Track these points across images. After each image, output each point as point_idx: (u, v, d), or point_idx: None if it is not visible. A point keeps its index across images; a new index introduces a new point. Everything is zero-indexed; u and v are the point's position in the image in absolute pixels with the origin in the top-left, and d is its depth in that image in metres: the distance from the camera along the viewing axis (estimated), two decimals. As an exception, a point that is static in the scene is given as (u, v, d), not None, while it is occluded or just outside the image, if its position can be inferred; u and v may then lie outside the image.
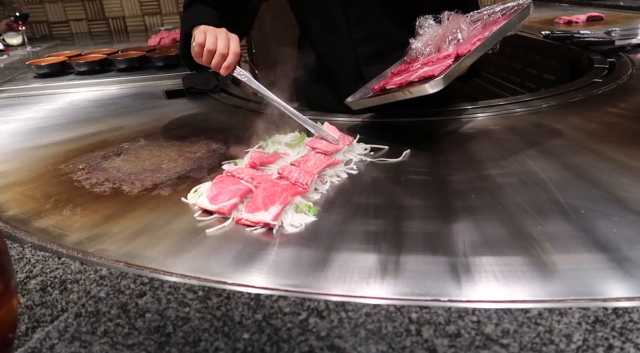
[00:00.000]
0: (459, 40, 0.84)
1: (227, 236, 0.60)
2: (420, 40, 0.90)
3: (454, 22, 0.87)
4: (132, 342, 0.41)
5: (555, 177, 0.70)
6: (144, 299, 0.46)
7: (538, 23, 2.02)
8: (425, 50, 0.88)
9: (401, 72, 0.91)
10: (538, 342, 0.38)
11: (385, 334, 0.40)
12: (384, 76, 0.97)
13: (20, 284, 0.50)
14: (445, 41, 0.85)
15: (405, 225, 0.60)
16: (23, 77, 1.51)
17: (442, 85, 0.76)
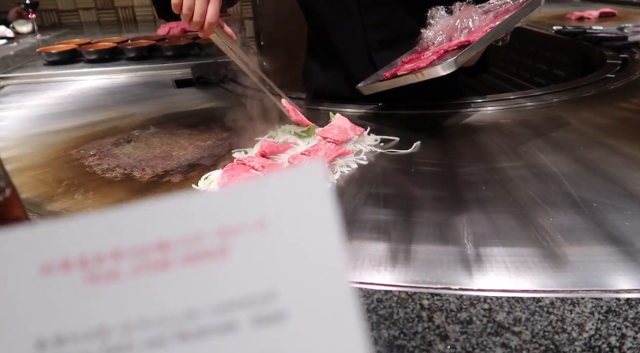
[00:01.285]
0: (470, 29, 0.84)
1: (238, 223, 0.61)
2: (431, 29, 0.90)
3: (465, 12, 0.87)
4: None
5: (567, 170, 0.69)
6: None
7: (549, 18, 2.00)
8: (437, 39, 0.89)
9: (412, 60, 0.91)
10: (550, 330, 0.38)
11: (397, 320, 0.40)
12: (394, 65, 0.97)
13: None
14: (457, 30, 0.85)
15: (416, 215, 0.60)
16: (33, 64, 1.52)
17: (455, 67, 0.76)
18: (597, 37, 1.51)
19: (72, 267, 0.14)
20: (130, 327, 0.14)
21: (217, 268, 0.14)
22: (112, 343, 0.13)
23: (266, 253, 0.14)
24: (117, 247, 0.15)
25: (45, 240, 0.14)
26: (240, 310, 0.14)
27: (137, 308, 0.14)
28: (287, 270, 0.14)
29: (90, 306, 0.14)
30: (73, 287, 0.14)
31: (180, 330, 0.14)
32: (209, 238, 0.14)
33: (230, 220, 0.15)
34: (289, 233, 0.14)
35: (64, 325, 0.14)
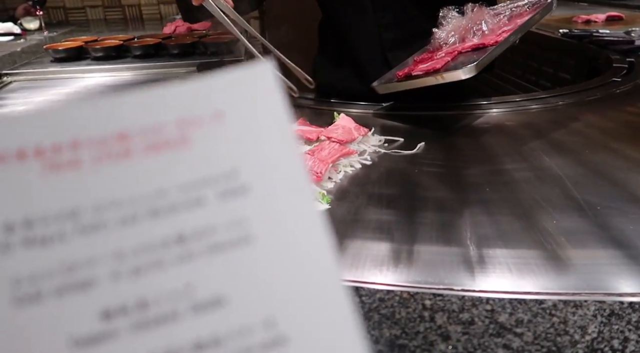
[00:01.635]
0: (483, 32, 0.85)
1: (241, 221, 0.61)
2: (443, 30, 0.91)
3: (478, 14, 0.89)
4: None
5: (571, 173, 0.69)
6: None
7: (556, 21, 2.00)
8: (449, 40, 0.90)
9: (424, 60, 0.92)
10: (552, 332, 0.38)
11: (399, 319, 0.40)
12: (407, 64, 0.98)
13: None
14: (470, 32, 0.86)
15: (419, 216, 0.60)
16: (40, 60, 1.53)
17: (475, 72, 0.77)
18: (603, 41, 1.51)
19: (27, 156, 0.15)
20: (101, 208, 0.14)
21: (179, 155, 0.15)
22: (85, 223, 0.14)
23: (225, 140, 0.15)
24: (75, 138, 0.15)
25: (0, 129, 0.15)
26: (207, 187, 0.15)
27: (105, 191, 0.14)
28: (246, 152, 0.15)
29: (56, 191, 0.14)
30: (32, 175, 0.14)
31: (151, 207, 0.14)
32: (169, 129, 0.15)
33: (188, 113, 0.16)
34: (243, 122, 0.16)
35: (30, 209, 0.14)
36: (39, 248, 0.14)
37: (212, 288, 0.14)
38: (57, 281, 0.14)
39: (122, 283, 0.14)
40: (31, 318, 0.13)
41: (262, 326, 0.14)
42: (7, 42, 1.86)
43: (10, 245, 0.14)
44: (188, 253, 0.14)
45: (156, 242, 0.14)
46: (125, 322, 0.14)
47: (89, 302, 0.14)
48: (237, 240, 0.15)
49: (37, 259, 0.14)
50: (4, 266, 0.14)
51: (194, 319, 0.14)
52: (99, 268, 0.14)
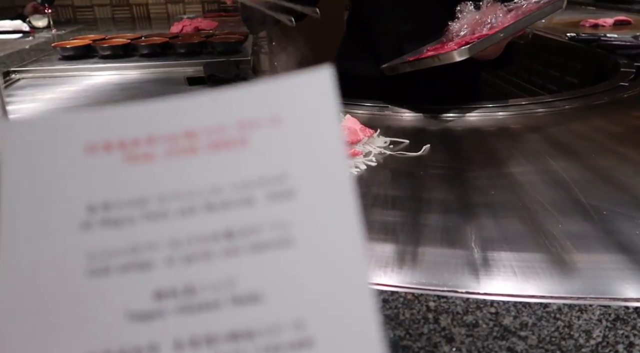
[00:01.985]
0: (492, 25, 0.90)
1: (246, 220, 0.61)
2: (458, 23, 0.95)
3: (491, 9, 0.92)
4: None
5: (577, 177, 0.69)
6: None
7: (563, 25, 1.99)
8: (461, 32, 0.93)
9: (436, 49, 0.97)
10: (557, 336, 0.38)
11: (402, 320, 0.40)
12: (419, 51, 1.02)
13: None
14: (481, 25, 0.91)
15: (424, 218, 0.60)
16: (48, 58, 1.54)
17: (467, 55, 0.81)
18: (611, 45, 1.50)
19: (112, 148, 0.17)
20: (165, 198, 0.16)
21: (237, 155, 0.16)
22: (150, 211, 0.16)
23: (279, 143, 0.17)
24: (151, 134, 0.17)
25: (88, 124, 0.17)
26: (258, 188, 0.16)
27: (170, 184, 0.16)
28: (297, 157, 0.16)
29: (131, 181, 0.16)
30: (114, 164, 0.16)
31: (207, 202, 0.16)
32: (230, 130, 0.17)
33: (248, 115, 0.17)
34: (298, 128, 0.17)
35: (109, 195, 0.16)
36: (112, 229, 0.16)
37: (251, 284, 0.15)
38: (122, 259, 0.15)
39: (174, 268, 0.15)
40: (98, 289, 0.15)
41: (292, 326, 0.15)
42: (15, 39, 1.87)
43: (91, 224, 0.16)
44: (234, 249, 0.16)
45: (207, 235, 0.16)
46: (173, 304, 0.15)
47: (145, 282, 0.15)
48: (278, 242, 0.16)
49: (110, 238, 0.16)
50: (84, 241, 0.15)
51: (232, 311, 0.15)
52: (156, 253, 0.15)
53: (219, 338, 0.15)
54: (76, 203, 0.16)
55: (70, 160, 0.16)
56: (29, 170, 0.16)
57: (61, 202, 0.16)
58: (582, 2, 2.74)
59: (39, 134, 0.16)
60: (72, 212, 0.16)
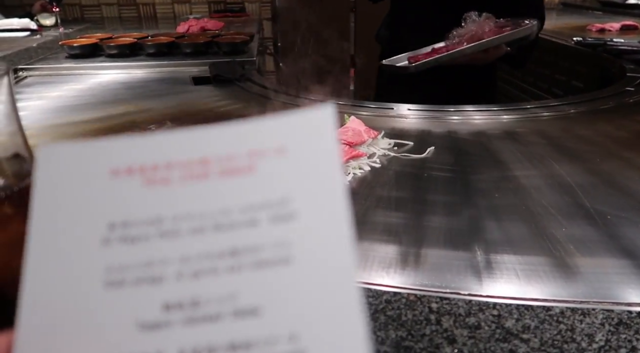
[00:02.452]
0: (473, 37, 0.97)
1: (250, 219, 0.61)
2: (462, 29, 1.05)
3: (484, 23, 1.00)
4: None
5: (582, 181, 0.69)
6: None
7: (569, 29, 1.99)
8: (454, 40, 1.03)
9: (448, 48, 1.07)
10: (559, 339, 0.38)
11: (405, 321, 0.40)
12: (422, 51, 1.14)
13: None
14: (470, 36, 1.00)
15: (427, 220, 0.60)
16: (55, 56, 1.55)
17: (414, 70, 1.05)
18: (617, 50, 1.49)
19: (134, 172, 0.18)
20: (178, 218, 0.18)
21: (245, 180, 0.18)
22: (165, 229, 0.17)
23: (283, 171, 0.18)
24: (169, 160, 0.19)
25: (113, 151, 0.19)
26: (262, 210, 0.18)
27: (184, 206, 0.18)
28: (298, 183, 0.18)
29: (148, 202, 0.18)
30: (134, 187, 0.18)
31: (216, 222, 0.18)
32: (240, 158, 0.18)
33: (257, 145, 0.19)
34: (301, 158, 0.18)
35: (128, 214, 0.18)
36: (129, 245, 0.17)
37: (252, 298, 0.17)
38: (136, 273, 0.17)
39: (183, 282, 0.17)
40: (113, 300, 0.17)
41: (287, 339, 0.16)
42: (23, 37, 1.89)
43: (110, 240, 0.17)
44: (238, 266, 0.17)
45: (214, 252, 0.17)
46: (180, 316, 0.16)
47: (156, 295, 0.17)
48: (278, 260, 0.17)
49: (126, 254, 0.17)
50: (104, 255, 0.17)
51: (233, 323, 0.16)
52: (168, 268, 0.17)
53: (220, 348, 0.16)
54: (99, 221, 0.18)
55: (95, 182, 0.18)
56: (58, 190, 0.18)
57: (85, 219, 0.18)
58: (588, 7, 2.74)
59: (69, 158, 0.18)
60: (95, 229, 0.17)
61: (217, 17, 2.35)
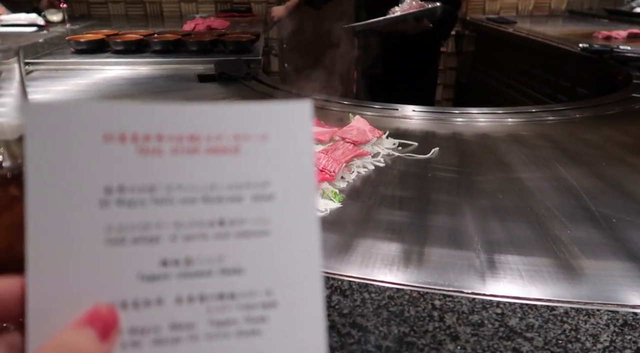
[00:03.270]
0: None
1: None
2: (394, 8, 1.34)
3: (411, 2, 1.31)
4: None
5: (587, 185, 0.68)
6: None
7: (575, 36, 1.98)
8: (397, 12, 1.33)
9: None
10: (563, 338, 0.37)
11: (407, 317, 0.40)
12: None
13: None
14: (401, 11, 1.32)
15: (431, 219, 0.60)
16: (62, 52, 1.55)
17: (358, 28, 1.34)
18: (624, 57, 1.49)
19: (126, 140, 0.19)
20: (170, 188, 0.19)
21: (231, 160, 0.20)
22: (159, 197, 0.19)
23: (265, 155, 0.20)
24: (160, 132, 0.19)
25: (106, 115, 0.19)
26: (246, 189, 0.20)
27: (176, 177, 0.19)
28: (278, 169, 0.20)
29: (142, 170, 0.19)
30: (128, 154, 0.19)
31: (205, 195, 0.20)
32: (227, 139, 0.20)
33: (242, 129, 0.20)
34: (281, 145, 0.20)
35: (123, 180, 0.19)
36: (126, 208, 0.19)
37: (236, 261, 0.20)
38: (135, 233, 0.19)
39: (177, 244, 0.19)
40: (115, 256, 0.19)
41: (263, 292, 0.20)
42: (30, 33, 1.89)
43: (108, 202, 0.19)
44: (224, 234, 0.20)
45: (204, 221, 0.20)
46: (176, 271, 0.19)
47: (154, 252, 0.19)
48: (259, 232, 0.20)
49: (124, 216, 0.19)
50: (102, 216, 0.19)
51: (221, 279, 0.20)
52: (163, 230, 0.19)
53: (210, 297, 0.20)
54: (95, 183, 0.19)
55: (89, 145, 0.19)
56: (50, 151, 0.18)
57: (82, 181, 0.19)
58: (595, 15, 2.73)
59: (60, 118, 0.18)
60: (92, 191, 0.19)
61: (224, 16, 2.36)
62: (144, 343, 0.19)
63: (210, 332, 0.19)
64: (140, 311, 0.19)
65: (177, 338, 0.19)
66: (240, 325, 0.20)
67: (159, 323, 0.19)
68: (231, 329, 0.19)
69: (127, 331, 0.19)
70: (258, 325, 0.20)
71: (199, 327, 0.19)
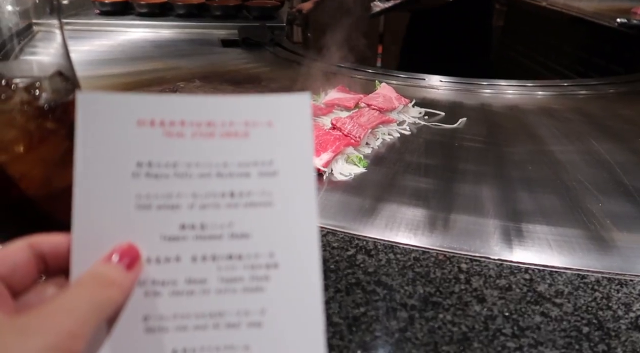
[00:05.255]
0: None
1: (277, 176, 0.61)
2: None
3: None
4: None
5: (621, 159, 0.66)
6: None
7: (612, 11, 1.89)
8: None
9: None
10: (594, 306, 0.37)
11: (433, 278, 0.40)
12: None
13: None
14: None
15: (457, 187, 0.59)
16: (87, 12, 1.55)
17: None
18: (664, 33, 1.42)
19: (155, 124, 0.23)
20: (190, 165, 0.23)
21: (242, 143, 0.23)
22: (180, 171, 0.23)
23: (270, 139, 0.24)
24: (183, 119, 0.23)
25: (139, 104, 0.23)
26: (253, 167, 0.23)
27: (195, 156, 0.23)
28: (280, 150, 0.23)
29: (167, 149, 0.23)
30: (157, 136, 0.23)
31: (218, 171, 0.23)
32: (239, 125, 0.24)
33: (251, 117, 0.24)
34: (284, 131, 0.24)
35: (152, 157, 0.23)
36: (153, 180, 0.22)
37: (244, 227, 0.23)
38: (159, 201, 0.22)
39: (194, 211, 0.23)
40: (143, 218, 0.22)
41: (267, 255, 0.23)
42: (55, -7, 1.89)
43: (139, 174, 0.22)
44: (234, 204, 0.23)
45: (217, 193, 0.23)
46: (192, 234, 0.23)
47: (175, 218, 0.22)
48: (263, 203, 0.23)
49: (151, 186, 0.22)
50: (134, 186, 0.22)
51: (230, 242, 0.23)
52: (182, 200, 0.23)
53: (220, 257, 0.22)
54: (130, 159, 0.22)
55: (126, 128, 0.22)
56: (96, 132, 0.22)
57: (119, 157, 0.22)
58: (634, -10, 2.60)
59: (104, 106, 0.22)
60: (127, 165, 0.22)
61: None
62: (164, 293, 0.22)
63: (220, 288, 0.22)
64: (161, 266, 0.22)
65: (191, 291, 0.22)
66: (246, 283, 0.22)
67: (177, 277, 0.22)
68: (238, 286, 0.22)
69: (150, 282, 0.22)
70: (262, 283, 0.22)
71: (210, 282, 0.22)
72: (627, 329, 0.35)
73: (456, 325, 0.35)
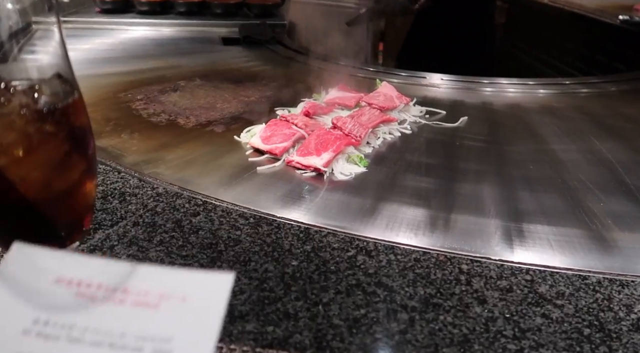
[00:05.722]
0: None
1: (277, 175, 0.61)
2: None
3: None
4: (186, 253, 0.42)
5: (623, 158, 0.66)
6: (198, 218, 0.47)
7: (615, 8, 1.88)
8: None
9: None
10: (595, 307, 0.37)
11: (434, 279, 0.40)
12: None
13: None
14: None
15: (458, 187, 0.59)
16: (87, 10, 1.54)
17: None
18: (667, 30, 1.41)
19: (72, 284, 0.23)
20: (87, 330, 0.22)
21: (148, 314, 0.23)
22: (73, 335, 0.21)
23: (178, 315, 0.23)
24: (99, 283, 0.23)
25: (65, 263, 0.23)
26: (149, 342, 0.22)
27: (96, 320, 0.22)
28: (184, 329, 0.22)
29: (72, 309, 0.22)
30: (67, 295, 0.23)
31: (112, 341, 0.22)
32: (153, 296, 0.23)
33: (167, 290, 0.23)
34: (195, 308, 0.23)
35: (53, 315, 0.22)
36: (41, 340, 0.21)
37: None
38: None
39: None
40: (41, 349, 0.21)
41: None
42: (55, -9, 1.89)
43: (30, 332, 0.21)
44: None
45: None
46: None
47: None
48: None
49: (36, 347, 0.21)
50: (19, 343, 0.21)
51: None
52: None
53: None
54: (29, 314, 0.22)
55: (41, 284, 0.23)
56: (11, 281, 0.23)
57: (19, 310, 0.22)
58: (637, -14, 2.58)
59: (32, 258, 0.23)
60: (22, 320, 0.22)
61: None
62: None
63: None
64: None
65: None
66: None
67: None
68: None
69: None
70: None
71: None
72: (628, 331, 0.35)
73: (457, 327, 0.35)
